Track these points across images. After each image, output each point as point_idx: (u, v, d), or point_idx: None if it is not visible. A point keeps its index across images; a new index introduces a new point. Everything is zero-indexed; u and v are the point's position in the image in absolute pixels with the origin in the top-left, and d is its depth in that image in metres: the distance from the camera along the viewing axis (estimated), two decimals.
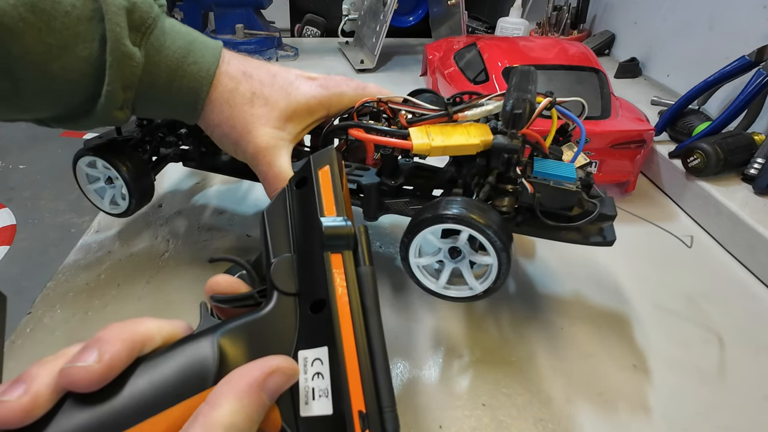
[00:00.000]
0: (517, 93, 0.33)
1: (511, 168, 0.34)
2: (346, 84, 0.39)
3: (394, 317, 0.41)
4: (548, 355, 0.38)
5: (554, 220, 0.35)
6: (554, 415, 0.34)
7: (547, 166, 0.35)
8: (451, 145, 0.33)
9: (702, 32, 0.76)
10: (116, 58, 0.30)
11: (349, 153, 0.41)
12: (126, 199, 0.45)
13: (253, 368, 0.18)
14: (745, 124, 0.59)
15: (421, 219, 0.33)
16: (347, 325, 0.18)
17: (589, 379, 0.37)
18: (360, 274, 0.19)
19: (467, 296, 0.35)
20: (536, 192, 0.34)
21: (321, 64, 1.02)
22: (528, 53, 0.64)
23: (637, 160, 0.56)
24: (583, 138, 0.36)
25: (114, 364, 0.17)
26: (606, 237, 0.35)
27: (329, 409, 0.17)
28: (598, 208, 0.34)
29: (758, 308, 0.45)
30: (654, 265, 0.48)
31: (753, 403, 0.36)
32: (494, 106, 0.34)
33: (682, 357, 0.39)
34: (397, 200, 0.39)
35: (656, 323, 0.42)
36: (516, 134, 0.33)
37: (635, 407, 0.35)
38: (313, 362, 0.18)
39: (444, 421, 0.34)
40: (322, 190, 0.21)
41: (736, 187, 0.55)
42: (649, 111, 0.63)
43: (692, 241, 0.40)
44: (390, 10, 0.90)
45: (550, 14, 1.06)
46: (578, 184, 0.34)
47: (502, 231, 0.31)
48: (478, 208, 0.32)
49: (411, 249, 0.34)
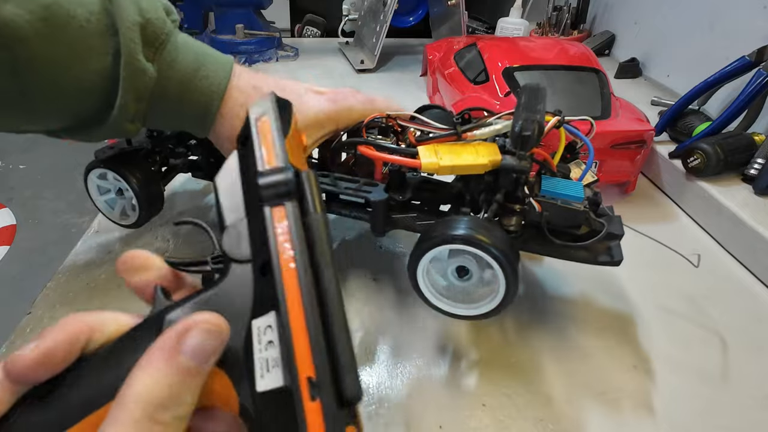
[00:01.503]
0: (526, 113, 0.32)
1: (519, 187, 0.34)
2: (354, 98, 0.39)
3: (395, 317, 0.41)
4: (548, 355, 0.38)
5: (562, 239, 0.35)
6: (554, 415, 0.34)
7: (555, 184, 0.35)
8: (460, 165, 0.34)
9: (702, 32, 0.76)
10: (130, 73, 0.31)
11: (357, 166, 0.41)
12: (136, 210, 0.45)
13: (167, 332, 0.16)
14: (745, 124, 0.59)
15: (430, 238, 0.32)
16: (291, 283, 0.15)
17: (590, 379, 0.37)
18: (308, 224, 0.17)
19: (475, 314, 0.35)
20: (544, 211, 0.34)
21: (321, 64, 1.02)
22: (528, 53, 0.64)
23: (637, 161, 0.56)
24: (591, 157, 0.36)
25: (50, 352, 0.16)
26: (614, 256, 0.35)
27: (280, 380, 0.15)
28: (606, 227, 0.34)
29: (759, 308, 0.45)
30: (654, 266, 0.48)
31: (753, 403, 0.36)
32: (503, 126, 0.34)
33: (683, 357, 0.39)
34: (404, 215, 0.39)
35: (656, 324, 0.42)
36: (525, 155, 0.33)
37: (636, 408, 0.35)
38: (265, 330, 0.16)
39: (444, 421, 0.34)
40: (261, 141, 0.19)
41: (737, 187, 0.55)
42: (649, 111, 0.63)
43: (699, 260, 0.40)
44: (390, 10, 0.90)
45: (550, 14, 1.06)
46: (586, 203, 0.34)
47: (510, 251, 0.31)
48: (485, 228, 0.32)
49: (419, 268, 0.34)
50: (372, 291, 0.44)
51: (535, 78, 0.59)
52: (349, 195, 0.37)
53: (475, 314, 0.34)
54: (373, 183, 0.38)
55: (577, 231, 0.35)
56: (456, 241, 0.31)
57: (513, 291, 0.32)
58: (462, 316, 0.35)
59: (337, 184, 0.38)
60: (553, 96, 0.57)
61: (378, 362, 0.38)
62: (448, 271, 0.34)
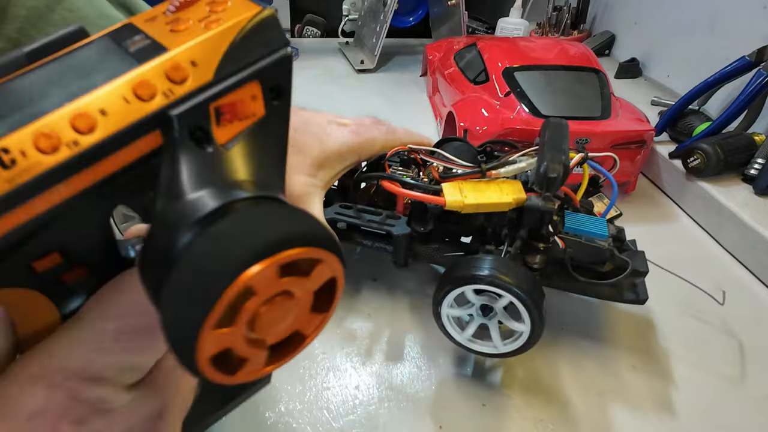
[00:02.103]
0: (550, 153, 0.32)
1: (543, 226, 0.34)
2: (377, 129, 0.39)
3: (395, 318, 0.41)
4: (548, 355, 0.38)
5: (585, 275, 0.35)
6: (554, 415, 0.34)
7: (579, 221, 0.35)
8: (485, 203, 0.34)
9: (702, 33, 0.76)
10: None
11: (377, 195, 0.42)
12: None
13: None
14: (745, 124, 0.59)
15: (454, 279, 0.33)
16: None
17: (589, 379, 0.37)
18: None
19: (491, 353, 0.35)
20: (567, 248, 0.34)
21: (321, 64, 1.02)
22: (528, 54, 0.64)
23: (637, 161, 0.56)
24: (615, 193, 0.37)
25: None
26: (639, 294, 0.36)
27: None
28: (631, 264, 0.34)
29: (758, 308, 0.45)
30: (652, 267, 0.48)
31: (754, 404, 0.36)
32: (527, 164, 0.35)
33: (682, 357, 0.39)
34: (426, 246, 0.39)
35: (655, 324, 0.42)
36: (550, 197, 0.33)
37: (635, 408, 0.35)
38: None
39: (444, 421, 0.34)
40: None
41: (737, 187, 0.55)
42: (649, 111, 0.63)
43: (725, 297, 0.40)
44: (390, 10, 0.90)
45: (550, 14, 1.06)
46: (610, 241, 0.34)
47: (534, 291, 0.31)
48: (510, 268, 0.31)
49: (444, 301, 0.34)
50: (372, 291, 0.44)
51: (535, 78, 0.59)
52: (373, 228, 0.38)
53: (501, 353, 0.34)
54: (396, 216, 0.39)
55: (601, 268, 0.35)
56: (480, 281, 0.31)
57: (539, 330, 0.32)
58: (487, 354, 0.35)
59: (360, 216, 0.39)
60: (554, 96, 0.57)
61: (377, 362, 0.38)
62: (473, 308, 0.34)
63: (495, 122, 0.55)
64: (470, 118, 0.58)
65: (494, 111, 0.58)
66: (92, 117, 0.12)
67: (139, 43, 0.14)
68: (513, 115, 0.56)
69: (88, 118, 0.12)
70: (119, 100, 0.13)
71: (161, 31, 0.14)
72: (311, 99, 0.86)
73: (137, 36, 0.14)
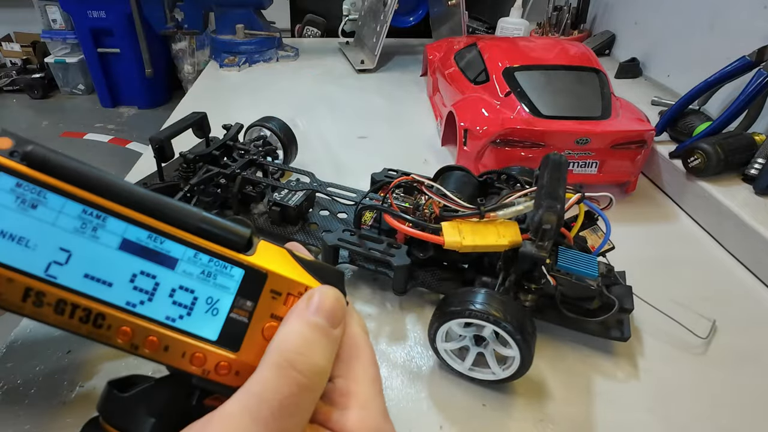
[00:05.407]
0: (547, 201, 0.33)
1: (536, 269, 0.35)
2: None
3: (395, 318, 0.41)
4: (548, 355, 0.38)
5: (574, 310, 0.37)
6: (554, 416, 0.34)
7: (572, 259, 0.36)
8: (481, 245, 0.36)
9: (702, 32, 0.76)
10: None
11: (378, 221, 0.44)
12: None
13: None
14: (745, 124, 0.59)
15: (448, 313, 0.33)
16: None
17: (590, 379, 0.37)
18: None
19: (491, 380, 0.35)
20: (558, 285, 0.35)
21: (321, 64, 1.02)
22: (528, 53, 0.64)
23: (637, 161, 0.56)
24: (608, 233, 0.38)
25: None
26: (623, 333, 0.37)
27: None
28: (617, 303, 0.36)
29: (759, 309, 0.45)
30: (654, 266, 0.48)
31: (753, 404, 0.36)
32: (524, 207, 0.36)
33: (682, 357, 0.39)
34: (425, 271, 0.41)
35: (655, 324, 0.42)
36: (543, 246, 0.34)
37: (635, 408, 0.35)
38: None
39: (444, 421, 0.34)
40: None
41: (737, 187, 0.55)
42: (649, 111, 0.63)
43: (711, 329, 0.41)
44: (390, 10, 0.90)
45: (550, 14, 1.06)
46: (599, 281, 0.36)
47: (524, 326, 0.32)
48: (502, 302, 0.32)
49: (438, 335, 0.35)
50: (372, 291, 0.44)
51: (535, 77, 0.59)
52: (375, 256, 0.40)
53: (500, 378, 0.35)
54: (397, 245, 0.40)
55: (589, 305, 0.37)
56: (473, 315, 0.32)
57: (527, 362, 0.33)
58: (489, 380, 0.35)
59: (363, 244, 0.40)
60: (554, 96, 0.57)
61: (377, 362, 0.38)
62: (467, 338, 0.35)
63: (495, 122, 0.55)
64: (470, 118, 0.58)
65: (494, 111, 0.58)
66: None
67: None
68: (513, 115, 0.56)
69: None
70: None
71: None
72: (311, 99, 0.86)
73: None
